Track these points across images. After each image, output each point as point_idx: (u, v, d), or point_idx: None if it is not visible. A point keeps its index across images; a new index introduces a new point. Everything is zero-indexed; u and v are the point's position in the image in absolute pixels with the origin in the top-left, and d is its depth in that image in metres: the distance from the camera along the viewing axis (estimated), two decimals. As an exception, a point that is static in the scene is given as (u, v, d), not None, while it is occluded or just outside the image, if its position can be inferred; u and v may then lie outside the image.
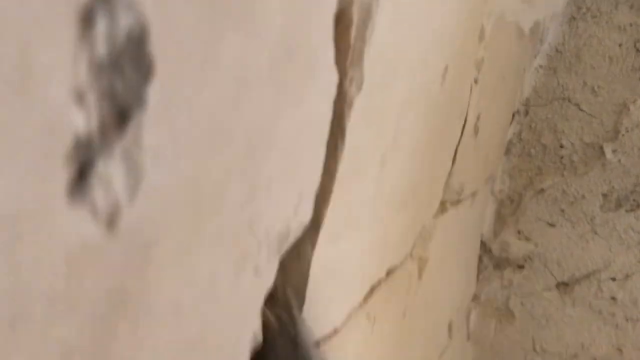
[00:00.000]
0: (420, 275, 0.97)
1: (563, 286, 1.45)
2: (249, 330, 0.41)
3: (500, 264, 1.51)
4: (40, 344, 0.22)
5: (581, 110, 1.39)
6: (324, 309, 0.53)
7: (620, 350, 1.42)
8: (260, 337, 0.45)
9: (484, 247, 1.52)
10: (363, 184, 0.51)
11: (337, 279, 0.54)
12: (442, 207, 1.06)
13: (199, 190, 0.28)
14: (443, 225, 1.07)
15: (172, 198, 0.27)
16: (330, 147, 0.43)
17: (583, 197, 1.41)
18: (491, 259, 1.52)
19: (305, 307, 0.49)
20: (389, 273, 0.77)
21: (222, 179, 0.30)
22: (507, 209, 1.49)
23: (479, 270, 1.53)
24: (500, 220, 1.50)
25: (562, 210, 1.43)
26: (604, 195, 1.40)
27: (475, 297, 1.54)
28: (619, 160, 1.38)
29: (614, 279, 1.40)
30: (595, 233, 1.41)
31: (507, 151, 1.48)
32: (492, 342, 1.54)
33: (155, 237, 0.26)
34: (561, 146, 1.43)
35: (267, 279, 0.41)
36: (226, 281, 0.34)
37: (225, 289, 0.34)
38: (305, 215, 0.42)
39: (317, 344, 0.56)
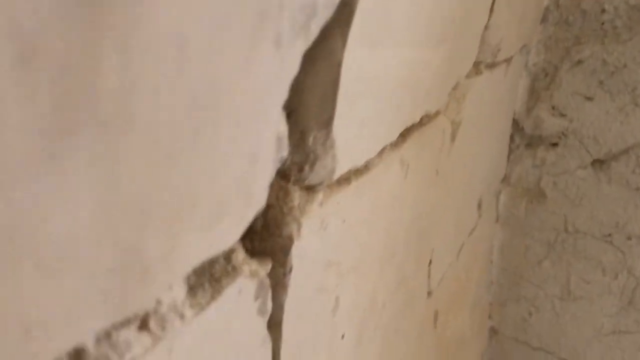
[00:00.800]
0: (453, 138, 0.91)
1: (599, 163, 1.38)
2: (271, 125, 0.35)
3: (533, 142, 1.44)
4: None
5: (628, -33, 1.27)
6: (355, 133, 0.47)
7: (657, 227, 1.36)
8: (286, 148, 0.39)
9: (516, 125, 1.44)
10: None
11: (371, 99, 0.47)
12: (477, 69, 0.98)
13: None
14: (477, 88, 0.99)
15: None
16: None
17: (625, 66, 1.31)
18: (523, 137, 1.45)
19: (336, 123, 0.43)
20: (423, 121, 0.70)
21: None
22: (542, 83, 1.40)
23: (510, 149, 1.46)
24: (533, 95, 1.41)
25: (601, 82, 1.34)
26: (648, 64, 1.29)
27: (505, 178, 1.48)
28: (668, 23, 1.26)
29: (654, 154, 1.33)
30: (636, 105, 1.32)
31: (544, 19, 1.36)
32: (522, 223, 1.50)
33: None
34: (603, 10, 1.31)
35: (290, 63, 0.34)
36: (241, 35, 0.28)
37: (239, 47, 0.28)
38: (335, -11, 0.35)
39: (348, 177, 0.51)
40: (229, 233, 0.33)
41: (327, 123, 0.41)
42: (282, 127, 0.37)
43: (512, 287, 1.55)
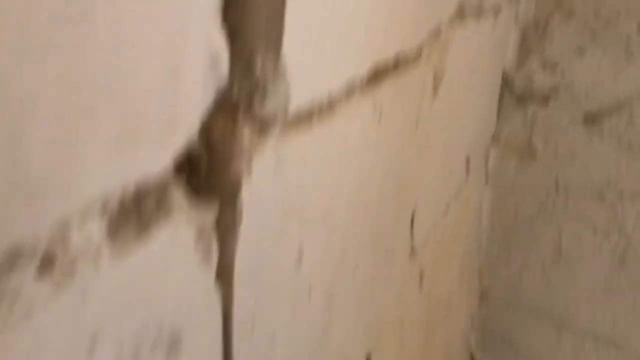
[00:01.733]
0: (435, 90, 0.86)
1: (591, 119, 1.34)
2: (200, 32, 0.30)
3: (523, 98, 1.39)
4: None
5: None
6: (312, 57, 0.42)
7: (650, 184, 1.32)
8: (225, 68, 0.34)
9: (506, 81, 1.39)
10: None
11: (331, 17, 0.42)
12: (461, 13, 0.92)
13: None
14: (462, 39, 0.94)
15: None
16: None
17: (618, 15, 1.25)
18: (513, 93, 1.40)
19: (286, 42, 0.38)
20: (400, 66, 0.65)
21: None
22: (532, 36, 1.35)
23: (500, 107, 1.41)
24: (524, 49, 1.36)
25: (594, 33, 1.28)
26: (643, 14, 1.24)
27: (495, 137, 1.44)
28: (663, -31, 1.20)
29: (648, 108, 1.28)
30: (631, 56, 1.27)
31: (534, -32, 1.30)
32: (512, 183, 1.46)
33: None
34: (595, -42, 1.25)
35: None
36: None
37: None
38: None
39: (310, 114, 0.46)
40: (148, 159, 0.28)
41: (275, 43, 0.36)
42: (218, 41, 0.32)
43: (502, 249, 1.52)
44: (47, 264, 0.25)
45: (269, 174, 0.40)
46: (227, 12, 0.32)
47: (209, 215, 0.36)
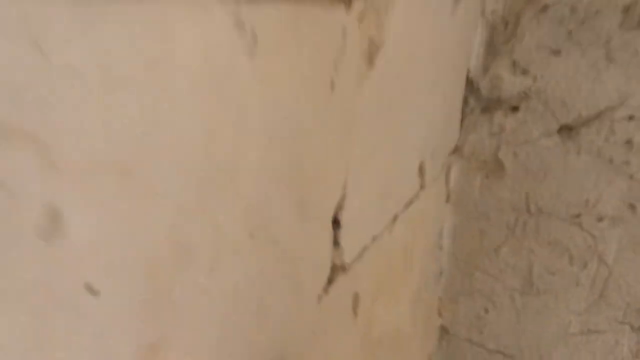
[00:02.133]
0: (370, 58, 0.68)
1: (567, 130, 1.17)
2: None
3: (490, 105, 1.22)
4: None
5: None
6: None
7: (633, 206, 1.15)
8: None
9: (471, 85, 1.22)
10: None
11: None
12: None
13: None
14: (408, 10, 0.77)
15: None
16: None
17: (597, 13, 1.10)
18: (479, 100, 1.23)
19: None
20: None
21: None
22: (501, 36, 1.18)
23: (464, 114, 1.24)
24: (491, 49, 1.19)
25: (570, 33, 1.13)
26: (625, 9, 1.08)
27: (458, 149, 1.26)
28: (647, -42, 1.06)
29: (631, 118, 1.11)
30: (611, 60, 1.11)
31: (503, -43, 1.15)
32: (477, 203, 1.27)
33: None
34: (572, -55, 1.10)
35: None
36: None
37: None
38: None
39: None
40: None
41: None
42: None
43: (465, 279, 1.33)
44: None
45: None
46: None
47: None
